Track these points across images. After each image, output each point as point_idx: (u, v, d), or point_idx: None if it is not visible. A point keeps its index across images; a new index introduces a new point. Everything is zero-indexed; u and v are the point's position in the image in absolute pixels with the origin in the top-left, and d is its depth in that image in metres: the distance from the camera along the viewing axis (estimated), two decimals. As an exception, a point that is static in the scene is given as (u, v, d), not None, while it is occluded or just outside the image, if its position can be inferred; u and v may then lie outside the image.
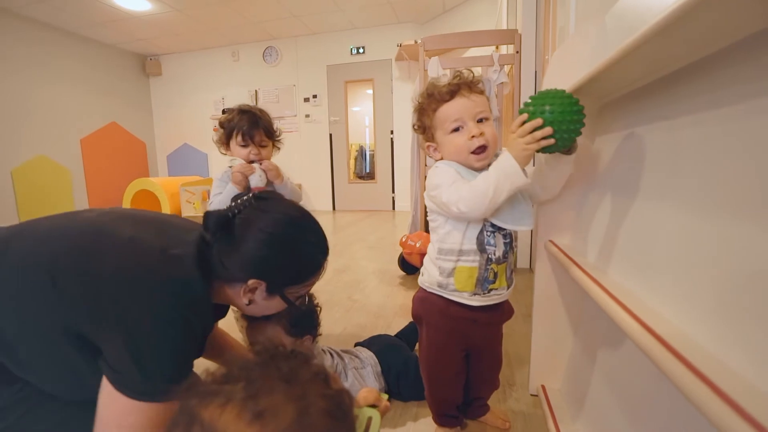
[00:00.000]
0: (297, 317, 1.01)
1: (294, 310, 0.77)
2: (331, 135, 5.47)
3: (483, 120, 0.79)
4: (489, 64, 2.25)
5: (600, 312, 0.71)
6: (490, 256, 0.78)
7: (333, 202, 5.63)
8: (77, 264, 0.62)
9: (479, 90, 0.80)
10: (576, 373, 0.97)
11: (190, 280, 0.65)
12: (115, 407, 0.60)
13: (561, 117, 0.66)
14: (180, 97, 5.97)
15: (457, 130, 0.79)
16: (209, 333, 0.73)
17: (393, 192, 5.40)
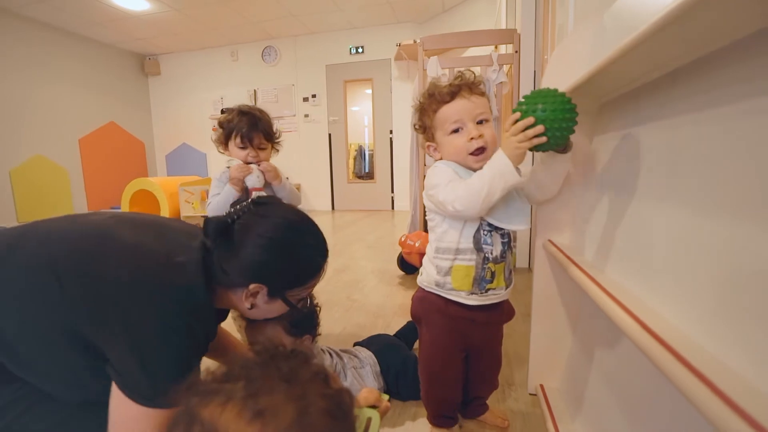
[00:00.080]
0: (297, 317, 1.01)
1: (296, 312, 0.77)
2: (330, 135, 5.47)
3: (483, 122, 0.79)
4: (488, 63, 2.25)
5: (599, 311, 0.71)
6: (487, 255, 0.78)
7: (332, 201, 5.63)
8: (82, 267, 0.62)
9: (480, 91, 0.81)
10: (575, 373, 0.97)
11: (193, 287, 0.66)
12: (124, 413, 0.61)
13: (553, 115, 0.66)
14: (179, 97, 5.97)
15: (457, 131, 0.79)
16: (213, 339, 0.74)
17: (392, 192, 5.40)
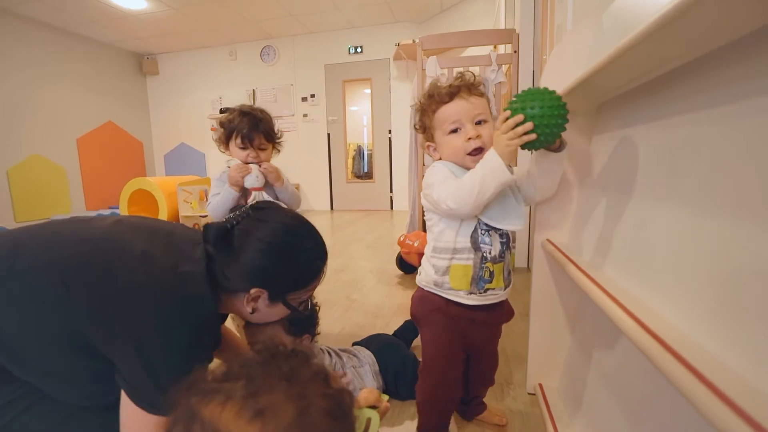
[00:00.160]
0: (297, 317, 1.01)
1: (297, 315, 0.78)
2: (329, 134, 5.46)
3: (481, 122, 0.79)
4: (487, 63, 2.25)
5: (597, 311, 0.71)
6: (485, 254, 0.78)
7: (331, 201, 5.63)
8: (89, 272, 0.63)
9: (479, 92, 0.81)
10: (573, 372, 0.97)
11: (201, 297, 0.66)
12: (135, 421, 0.62)
13: (541, 112, 0.67)
14: (177, 97, 5.95)
15: (456, 131, 0.80)
16: (218, 347, 0.76)
17: (391, 191, 5.40)
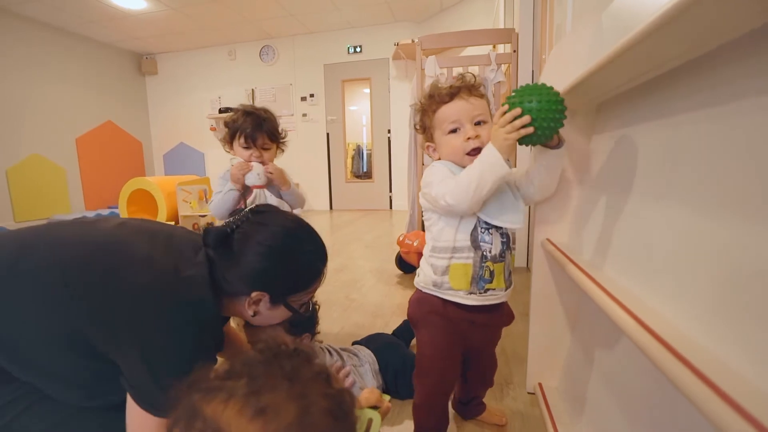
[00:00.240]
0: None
1: (299, 317, 0.79)
2: (329, 134, 5.46)
3: (481, 123, 0.79)
4: (486, 63, 2.25)
5: (597, 310, 0.71)
6: (485, 253, 0.78)
7: (330, 201, 5.63)
8: (93, 274, 0.63)
9: (479, 94, 0.81)
10: (573, 371, 0.97)
11: (204, 301, 0.67)
12: (140, 423, 0.62)
13: (539, 106, 0.68)
14: (176, 96, 5.94)
15: (455, 131, 0.80)
16: (221, 349, 0.77)
17: (390, 191, 5.40)
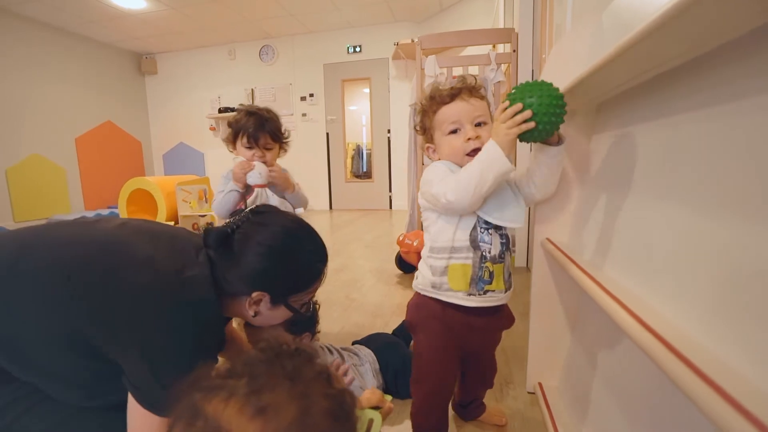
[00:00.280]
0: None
1: (299, 317, 0.79)
2: (328, 134, 5.45)
3: (481, 124, 0.80)
4: (486, 62, 2.25)
5: (597, 309, 0.71)
6: (484, 253, 0.77)
7: (330, 201, 5.62)
8: (94, 274, 0.63)
9: (480, 95, 0.82)
10: (573, 371, 0.97)
11: (205, 301, 0.67)
12: (143, 422, 0.62)
13: (540, 101, 0.68)
14: (176, 96, 5.94)
15: (455, 132, 0.80)
16: (223, 349, 0.77)
17: (390, 191, 5.40)
